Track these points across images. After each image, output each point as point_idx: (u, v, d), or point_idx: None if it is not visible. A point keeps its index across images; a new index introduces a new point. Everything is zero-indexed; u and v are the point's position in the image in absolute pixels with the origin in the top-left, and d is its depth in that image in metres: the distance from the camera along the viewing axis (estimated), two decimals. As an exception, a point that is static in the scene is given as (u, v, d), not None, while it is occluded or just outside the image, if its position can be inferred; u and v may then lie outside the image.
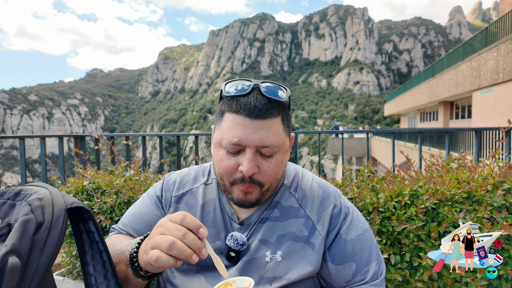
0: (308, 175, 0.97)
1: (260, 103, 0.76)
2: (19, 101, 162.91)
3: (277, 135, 0.79)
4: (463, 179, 1.41)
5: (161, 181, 1.00)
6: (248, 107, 0.76)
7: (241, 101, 0.77)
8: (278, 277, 0.80)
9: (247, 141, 0.76)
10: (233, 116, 0.77)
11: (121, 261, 0.76)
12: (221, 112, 0.81)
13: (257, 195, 0.82)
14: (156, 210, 0.93)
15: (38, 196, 0.61)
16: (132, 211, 0.96)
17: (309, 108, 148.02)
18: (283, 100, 0.79)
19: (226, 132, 0.78)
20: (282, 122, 0.81)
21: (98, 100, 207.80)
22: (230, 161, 0.79)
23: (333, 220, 0.86)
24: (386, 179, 1.61)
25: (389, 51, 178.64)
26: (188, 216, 0.63)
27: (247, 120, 0.76)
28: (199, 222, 0.63)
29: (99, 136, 2.45)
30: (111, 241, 0.86)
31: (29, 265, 0.53)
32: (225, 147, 0.79)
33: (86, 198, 1.93)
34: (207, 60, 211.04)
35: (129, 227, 0.93)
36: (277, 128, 0.79)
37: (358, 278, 0.83)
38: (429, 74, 19.57)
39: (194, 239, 0.62)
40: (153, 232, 0.67)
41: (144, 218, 0.92)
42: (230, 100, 0.79)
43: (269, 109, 0.77)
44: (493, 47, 10.98)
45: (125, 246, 0.77)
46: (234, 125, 0.77)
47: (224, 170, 0.80)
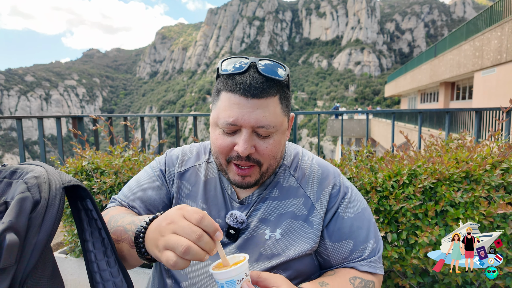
0: (308, 155, 0.97)
1: (257, 82, 0.74)
2: (16, 82, 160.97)
3: (274, 115, 0.77)
4: (462, 158, 1.41)
5: (163, 156, 0.99)
6: (244, 86, 0.74)
7: (237, 79, 0.75)
8: (277, 254, 0.82)
9: (243, 121, 0.75)
10: (229, 95, 0.76)
11: (123, 240, 0.74)
12: (217, 91, 0.80)
13: (256, 176, 0.81)
14: (159, 183, 0.92)
15: (34, 174, 0.61)
16: (134, 183, 0.94)
17: (309, 89, 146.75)
18: (281, 79, 0.77)
19: (222, 112, 0.77)
20: (280, 101, 0.79)
21: (96, 81, 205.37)
22: (226, 141, 0.78)
23: (332, 199, 0.87)
24: (384, 159, 1.61)
25: (391, 31, 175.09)
26: (205, 218, 0.59)
27: (243, 100, 0.74)
28: (216, 225, 0.59)
29: (97, 117, 2.43)
30: (112, 213, 0.83)
31: (28, 243, 0.53)
32: (221, 127, 0.78)
33: (85, 178, 1.94)
34: (205, 40, 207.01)
35: (131, 199, 0.91)
36: (274, 108, 0.77)
37: (355, 255, 0.84)
38: (431, 54, 19.26)
39: (209, 242, 0.58)
40: (162, 226, 0.61)
41: (147, 191, 0.91)
42: (226, 79, 0.77)
43: (266, 88, 0.75)
44: (497, 26, 10.74)
45: (128, 224, 0.75)
46: (229, 104, 0.75)
47: (220, 149, 0.80)
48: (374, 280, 0.84)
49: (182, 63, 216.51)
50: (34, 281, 0.54)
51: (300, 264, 0.83)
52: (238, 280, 0.61)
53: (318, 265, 0.89)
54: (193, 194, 0.90)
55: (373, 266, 0.84)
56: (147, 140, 66.56)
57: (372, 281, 0.83)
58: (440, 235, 1.29)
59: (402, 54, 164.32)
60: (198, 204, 0.89)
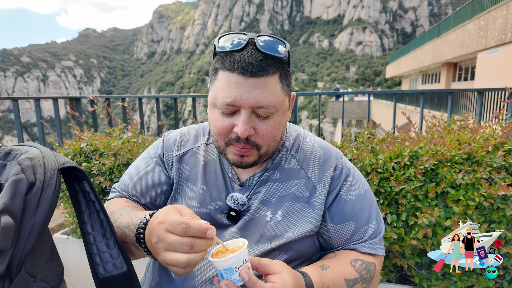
0: (310, 136, 0.95)
1: (255, 60, 0.71)
2: (12, 63, 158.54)
3: (274, 95, 0.74)
4: (465, 140, 1.39)
5: (160, 140, 0.97)
6: (242, 64, 0.70)
7: (235, 57, 0.72)
8: (278, 235, 0.81)
9: (242, 101, 0.72)
10: (227, 74, 0.72)
11: (128, 243, 0.74)
12: (215, 69, 0.77)
13: (254, 157, 0.80)
14: (158, 169, 0.91)
15: (29, 156, 0.59)
16: (133, 171, 0.93)
17: (309, 70, 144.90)
18: (281, 56, 0.73)
19: (220, 92, 0.74)
20: (280, 80, 0.75)
21: (93, 61, 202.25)
22: (225, 122, 0.76)
23: (334, 180, 0.85)
24: (386, 141, 1.59)
25: (393, 9, 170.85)
26: (190, 226, 0.57)
27: (241, 79, 0.71)
28: (204, 225, 0.57)
29: (94, 98, 2.39)
30: (112, 209, 0.83)
31: (24, 225, 0.52)
32: (219, 107, 0.75)
33: (84, 160, 1.93)
34: (203, 19, 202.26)
35: (132, 188, 0.90)
36: (274, 87, 0.74)
37: (357, 237, 0.84)
38: (434, 34, 18.87)
39: (203, 244, 0.58)
40: (153, 245, 0.61)
41: (146, 178, 0.90)
42: (223, 57, 0.74)
43: (265, 66, 0.71)
44: (503, 5, 10.46)
45: (125, 228, 0.74)
46: (227, 84, 0.72)
47: (219, 131, 0.78)
48: (375, 261, 0.84)
49: (180, 43, 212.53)
50: (32, 263, 0.54)
51: (301, 246, 0.83)
52: (236, 268, 0.60)
53: (319, 246, 0.89)
54: (192, 176, 0.89)
55: (375, 248, 0.84)
56: (146, 122, 66.20)
57: (373, 263, 0.83)
58: (440, 216, 1.29)
59: (404, 34, 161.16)
60: (198, 186, 0.87)
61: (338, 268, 0.78)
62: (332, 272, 0.76)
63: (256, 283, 0.60)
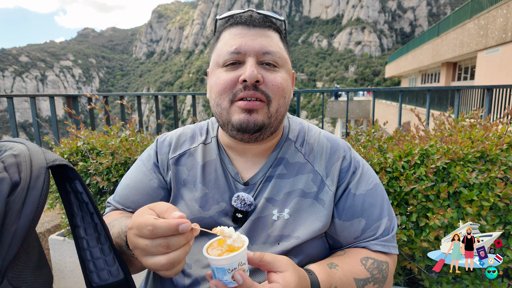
0: (315, 129, 0.89)
1: (257, 16, 0.75)
2: (10, 63, 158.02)
3: (278, 46, 0.75)
4: (477, 137, 1.33)
5: (153, 145, 0.91)
6: (245, 18, 0.73)
7: (236, 16, 0.75)
8: (286, 235, 0.75)
9: (247, 47, 0.71)
10: (230, 30, 0.74)
11: (124, 253, 0.68)
12: (217, 37, 0.78)
13: (264, 116, 0.72)
14: (152, 177, 0.85)
15: (13, 153, 0.53)
16: (127, 181, 0.88)
17: (308, 70, 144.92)
18: (279, 17, 0.77)
19: (223, 47, 0.73)
20: (281, 39, 0.77)
21: (92, 61, 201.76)
22: (229, 75, 0.72)
23: (342, 174, 0.80)
24: (394, 139, 1.54)
25: (392, 9, 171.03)
26: (156, 226, 0.51)
27: (245, 29, 0.73)
28: (172, 222, 0.51)
29: (92, 95, 2.33)
30: (107, 221, 0.77)
31: (6, 230, 0.46)
32: (223, 61, 0.73)
33: (81, 159, 1.87)
34: (202, 18, 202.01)
35: (126, 200, 0.85)
36: (277, 41, 0.75)
37: (368, 234, 0.78)
38: (433, 34, 18.84)
39: (179, 240, 0.53)
40: (133, 250, 0.57)
41: (141, 188, 0.85)
42: (226, 21, 0.76)
43: (266, 22, 0.74)
44: (503, 4, 10.43)
45: (117, 237, 0.68)
46: (231, 37, 0.73)
47: (223, 85, 0.72)
48: (388, 260, 0.78)
49: (179, 42, 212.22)
50: (16, 273, 0.48)
51: (312, 249, 0.77)
52: (229, 269, 0.55)
53: (329, 248, 0.83)
54: (191, 179, 0.83)
55: (387, 246, 0.78)
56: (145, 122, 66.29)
57: (386, 262, 0.77)
58: (453, 217, 1.24)
59: (403, 33, 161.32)
60: (197, 189, 0.81)
61: (347, 267, 0.72)
62: (341, 271, 0.70)
63: (251, 286, 0.55)
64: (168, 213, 0.55)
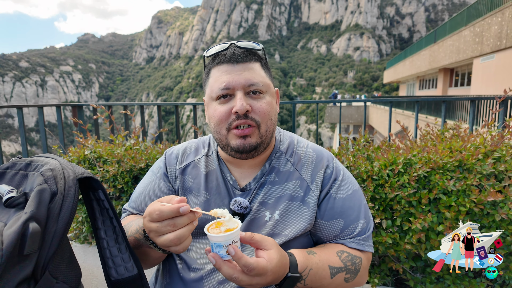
0: (303, 141, 1.03)
1: (239, 52, 0.87)
2: (10, 68, 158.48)
3: (260, 76, 0.86)
4: (456, 148, 1.45)
5: (163, 157, 1.05)
6: (229, 56, 0.85)
7: (222, 54, 0.87)
8: (277, 233, 0.88)
9: (234, 83, 0.83)
10: (218, 68, 0.86)
11: (142, 246, 0.82)
12: (207, 72, 0.90)
13: (256, 138, 0.86)
14: (163, 185, 0.98)
15: (50, 167, 0.65)
16: (141, 190, 1.01)
17: (307, 75, 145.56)
18: (258, 48, 0.89)
19: (214, 84, 0.86)
20: (262, 67, 0.89)
21: (92, 66, 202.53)
22: (223, 108, 0.85)
23: (325, 181, 0.93)
24: (381, 148, 1.65)
25: (391, 15, 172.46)
26: (162, 210, 0.67)
27: (230, 66, 0.85)
28: (174, 206, 0.67)
29: (98, 106, 2.45)
30: (123, 224, 0.91)
31: (48, 231, 0.57)
32: (216, 96, 0.85)
33: (88, 167, 1.98)
34: (202, 24, 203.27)
35: (141, 206, 0.98)
36: (259, 71, 0.87)
37: (345, 233, 0.90)
38: (430, 40, 19.09)
39: (183, 220, 0.67)
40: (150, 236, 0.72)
41: (154, 195, 0.98)
42: (213, 58, 0.89)
43: (247, 55, 0.86)
44: (497, 12, 10.63)
45: (136, 233, 0.82)
46: (220, 74, 0.85)
47: (219, 117, 0.85)
48: (362, 256, 0.90)
49: (179, 48, 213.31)
50: (55, 266, 0.59)
51: (298, 244, 0.89)
52: (224, 245, 0.68)
53: (313, 245, 0.95)
54: (195, 186, 0.96)
55: (362, 244, 0.90)
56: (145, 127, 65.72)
57: (360, 257, 0.89)
58: (433, 221, 1.35)
59: (401, 39, 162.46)
60: (201, 195, 0.94)
61: (324, 255, 0.85)
62: (318, 258, 0.83)
63: (241, 258, 0.67)
64: (172, 200, 0.70)
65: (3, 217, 0.58)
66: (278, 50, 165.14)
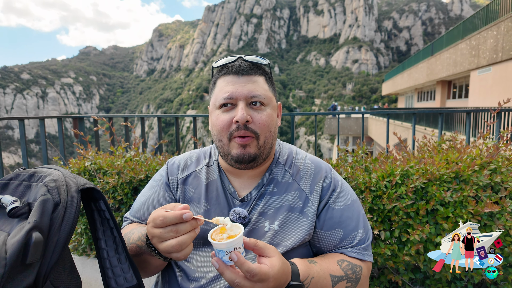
0: (302, 153, 1.05)
1: (245, 65, 0.91)
2: (12, 80, 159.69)
3: (263, 89, 0.90)
4: (452, 159, 1.47)
5: (165, 167, 1.07)
6: (235, 68, 0.89)
7: (229, 66, 0.91)
8: (276, 244, 0.89)
9: (237, 93, 0.87)
10: (223, 78, 0.90)
11: (143, 253, 0.84)
12: (214, 82, 0.94)
13: (255, 149, 0.88)
14: (165, 194, 1.00)
15: (53, 178, 0.66)
16: (142, 199, 1.03)
17: (306, 87, 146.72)
18: (264, 63, 0.93)
19: (218, 93, 0.90)
20: (266, 81, 0.93)
21: (93, 79, 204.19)
22: (225, 117, 0.88)
23: (323, 192, 0.95)
24: (379, 160, 1.67)
25: (388, 29, 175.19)
26: (166, 216, 0.69)
27: (235, 78, 0.89)
28: (178, 212, 0.69)
29: (99, 118, 2.48)
30: (125, 232, 0.93)
31: (50, 241, 0.58)
32: (219, 104, 0.89)
33: (88, 179, 1.99)
34: (202, 37, 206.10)
35: (142, 214, 1.00)
36: (262, 84, 0.91)
37: (345, 243, 0.92)
38: (428, 53, 19.36)
39: (186, 227, 0.69)
40: (153, 242, 0.73)
41: (155, 204, 0.99)
42: (220, 69, 0.93)
43: (253, 69, 0.90)
44: (493, 25, 10.83)
45: (138, 241, 0.83)
46: (225, 84, 0.89)
47: (221, 126, 0.88)
48: (362, 265, 0.90)
49: (180, 60, 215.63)
50: (56, 275, 0.60)
51: (297, 255, 0.90)
52: (227, 252, 0.70)
53: (313, 255, 0.95)
54: (196, 196, 0.98)
55: (361, 253, 0.91)
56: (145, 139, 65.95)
57: (360, 266, 0.89)
58: (431, 233, 1.35)
59: (399, 52, 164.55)
60: (201, 204, 0.95)
61: (325, 264, 0.85)
62: (319, 267, 0.84)
63: (244, 263, 0.68)
64: (176, 207, 0.72)
65: (6, 227, 0.60)
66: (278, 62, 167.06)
